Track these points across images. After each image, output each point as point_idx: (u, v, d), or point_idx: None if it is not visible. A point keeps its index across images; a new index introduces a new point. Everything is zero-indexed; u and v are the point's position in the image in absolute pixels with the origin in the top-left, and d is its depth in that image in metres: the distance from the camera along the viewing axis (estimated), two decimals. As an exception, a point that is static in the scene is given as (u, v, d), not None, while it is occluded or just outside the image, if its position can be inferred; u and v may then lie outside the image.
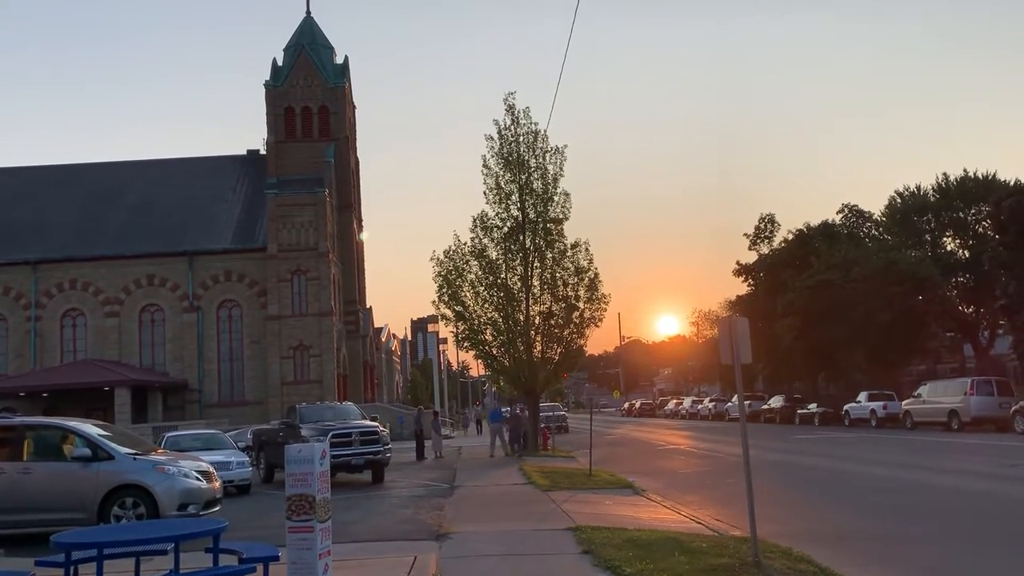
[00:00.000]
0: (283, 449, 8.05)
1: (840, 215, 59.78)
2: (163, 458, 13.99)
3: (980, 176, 51.71)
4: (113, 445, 13.39)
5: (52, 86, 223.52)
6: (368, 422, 23.10)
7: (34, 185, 57.92)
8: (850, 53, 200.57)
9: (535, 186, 30.90)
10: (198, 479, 13.50)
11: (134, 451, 13.66)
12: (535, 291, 30.82)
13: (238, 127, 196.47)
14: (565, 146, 31.16)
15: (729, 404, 59.32)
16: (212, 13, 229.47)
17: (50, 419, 17.02)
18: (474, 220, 31.15)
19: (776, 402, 53.64)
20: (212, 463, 15.30)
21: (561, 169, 31.01)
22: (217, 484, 14.21)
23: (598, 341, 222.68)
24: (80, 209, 56.05)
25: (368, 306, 65.08)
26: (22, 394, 46.75)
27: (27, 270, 53.30)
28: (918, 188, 54.91)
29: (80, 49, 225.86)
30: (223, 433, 26.12)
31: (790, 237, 59.69)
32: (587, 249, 31.16)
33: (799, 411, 49.14)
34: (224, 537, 7.61)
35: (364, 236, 62.97)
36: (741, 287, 64.91)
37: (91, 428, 13.89)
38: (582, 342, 31.80)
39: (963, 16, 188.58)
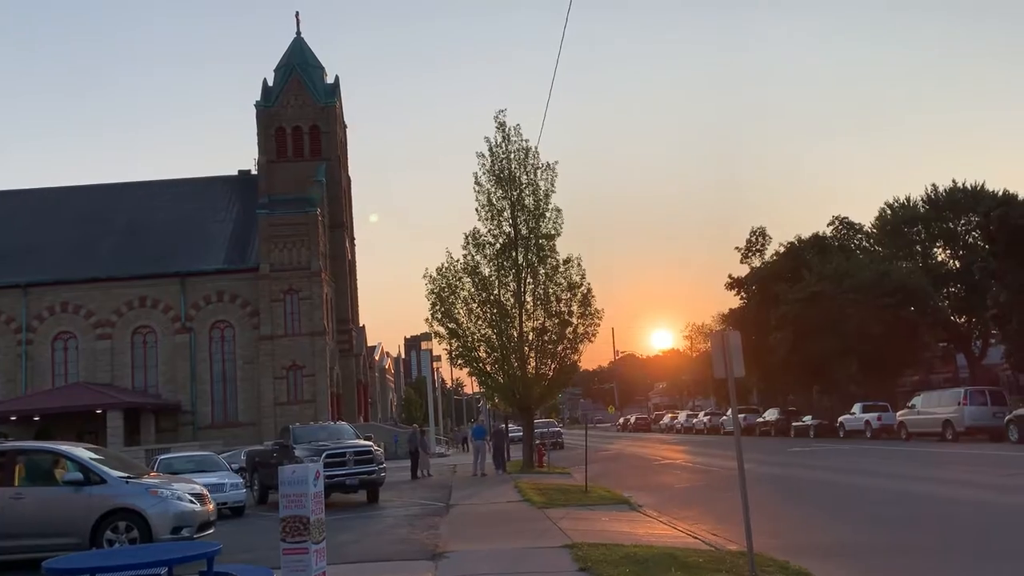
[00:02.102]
0: (277, 470, 8.02)
1: (831, 227, 60.08)
2: (156, 481, 13.90)
3: (969, 187, 52.04)
4: (105, 469, 13.30)
5: (41, 108, 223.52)
6: (362, 442, 23.00)
7: (24, 208, 57.76)
8: (840, 66, 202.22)
9: (527, 202, 30.98)
10: (192, 502, 13.41)
11: (127, 474, 13.57)
12: (528, 307, 30.83)
13: (229, 148, 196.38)
14: (556, 162, 31.28)
15: (724, 418, 59.29)
16: (202, 34, 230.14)
17: (42, 443, 16.92)
18: (466, 237, 31.20)
19: (771, 415, 53.69)
20: (206, 485, 15.23)
21: (552, 185, 31.13)
22: (211, 507, 14.12)
23: (592, 356, 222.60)
24: (71, 232, 55.89)
25: (361, 325, 64.97)
26: (13, 418, 46.39)
27: (18, 293, 53.08)
28: (908, 199, 55.23)
29: (69, 71, 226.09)
30: (216, 455, 25.99)
31: (781, 250, 59.91)
32: (579, 264, 31.22)
33: (794, 424, 49.19)
34: (218, 560, 7.56)
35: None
36: (734, 300, 65.06)
37: (83, 452, 13.80)
38: (576, 357, 31.79)
39: (952, 30, 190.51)
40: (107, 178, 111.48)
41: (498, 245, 31.05)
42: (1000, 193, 48.55)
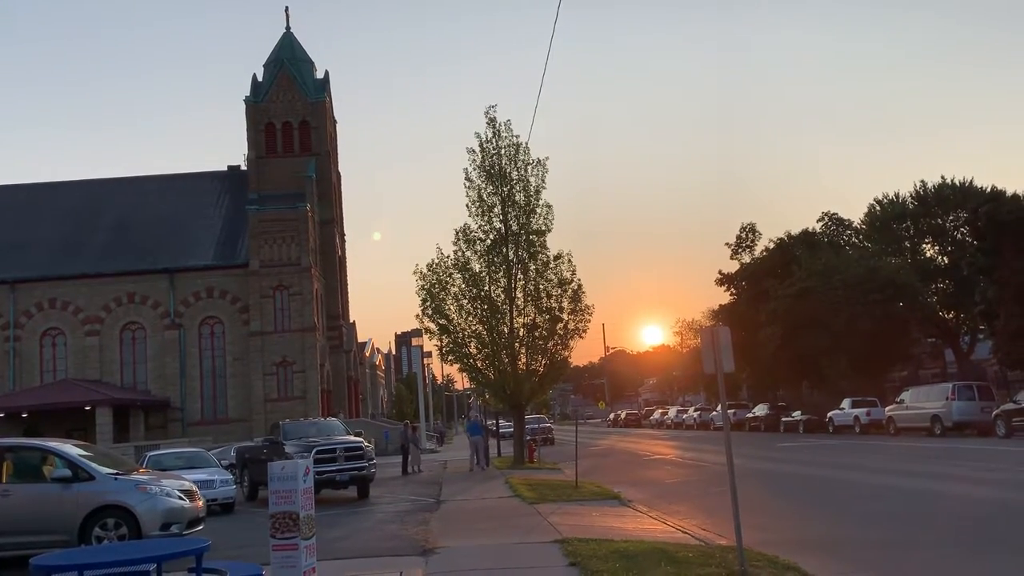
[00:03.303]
0: (267, 466, 8.00)
1: (820, 223, 60.20)
2: (145, 478, 13.85)
3: (957, 183, 52.20)
4: (94, 465, 13.24)
5: (29, 104, 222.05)
6: (352, 438, 22.97)
7: (11, 204, 57.39)
8: (831, 64, 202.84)
9: (517, 198, 30.96)
10: (181, 498, 13.38)
11: (115, 471, 13.52)
12: (519, 303, 30.82)
13: (219, 144, 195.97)
14: (547, 158, 31.27)
15: (714, 413, 59.44)
16: (192, 29, 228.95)
17: (30, 440, 16.82)
18: (457, 233, 31.16)
19: (760, 410, 53.84)
20: (195, 482, 15.18)
21: (543, 181, 31.11)
22: (200, 503, 14.09)
23: (583, 352, 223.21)
24: (59, 228, 55.59)
25: (351, 321, 64.84)
26: (1, 415, 46.17)
27: (5, 290, 52.75)
28: (897, 196, 55.33)
29: (58, 67, 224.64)
30: (206, 451, 25.92)
31: (771, 246, 60.01)
32: (570, 260, 31.22)
33: (783, 419, 49.35)
34: (207, 557, 7.53)
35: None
36: (724, 296, 65.15)
37: (71, 448, 13.74)
38: (567, 353, 31.80)
39: (945, 28, 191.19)
40: (96, 174, 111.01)
41: (488, 241, 31.02)
42: (988, 189, 48.77)
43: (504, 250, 30.82)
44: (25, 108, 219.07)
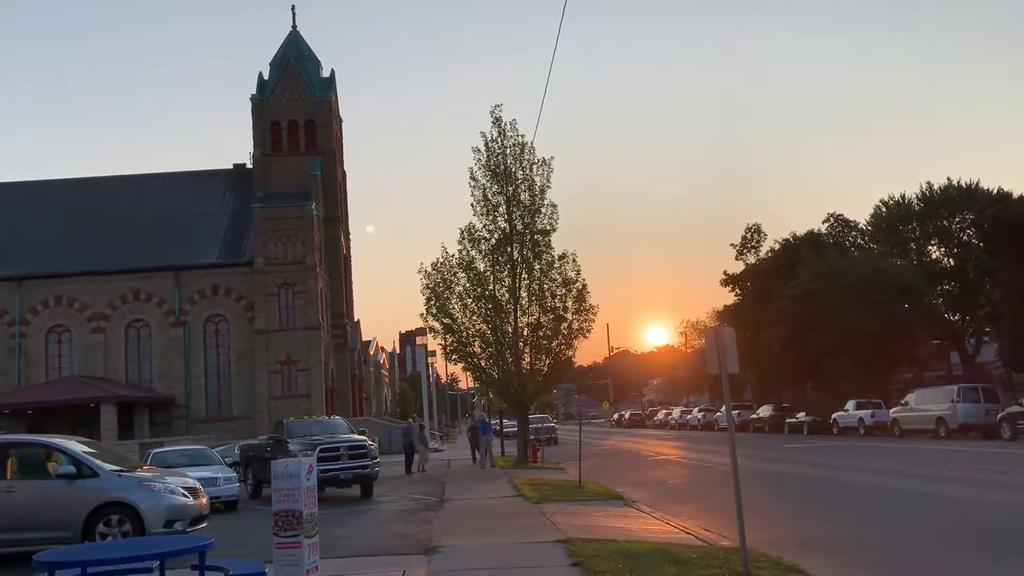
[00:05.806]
0: (270, 464, 8.00)
1: (826, 224, 60.15)
2: (149, 475, 13.87)
3: (964, 185, 52.07)
4: (98, 462, 13.27)
5: (36, 101, 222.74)
6: (356, 436, 22.97)
7: (17, 201, 57.48)
8: (837, 64, 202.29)
9: (522, 198, 30.96)
10: (184, 495, 13.39)
11: (119, 468, 13.54)
12: (523, 303, 30.82)
13: (225, 141, 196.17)
14: (552, 158, 31.25)
15: (718, 414, 59.42)
16: (198, 28, 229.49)
17: (34, 436, 16.86)
18: (462, 232, 31.19)
19: (765, 411, 53.79)
20: (199, 479, 15.20)
21: (548, 180, 31.12)
22: (204, 500, 14.10)
23: (587, 352, 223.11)
24: (65, 225, 55.68)
25: (356, 319, 64.88)
26: (6, 412, 46.26)
27: (11, 286, 52.87)
28: (903, 197, 55.24)
29: (65, 64, 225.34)
30: (210, 449, 25.96)
31: (776, 247, 59.97)
32: (575, 260, 31.23)
33: (788, 420, 49.30)
34: (210, 554, 7.54)
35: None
36: (728, 297, 65.17)
37: (76, 445, 13.77)
38: (571, 353, 31.81)
39: (950, 29, 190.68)
40: (102, 171, 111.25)
41: (493, 240, 31.05)
42: (995, 191, 48.66)
43: (509, 249, 30.82)
44: (31, 105, 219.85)
